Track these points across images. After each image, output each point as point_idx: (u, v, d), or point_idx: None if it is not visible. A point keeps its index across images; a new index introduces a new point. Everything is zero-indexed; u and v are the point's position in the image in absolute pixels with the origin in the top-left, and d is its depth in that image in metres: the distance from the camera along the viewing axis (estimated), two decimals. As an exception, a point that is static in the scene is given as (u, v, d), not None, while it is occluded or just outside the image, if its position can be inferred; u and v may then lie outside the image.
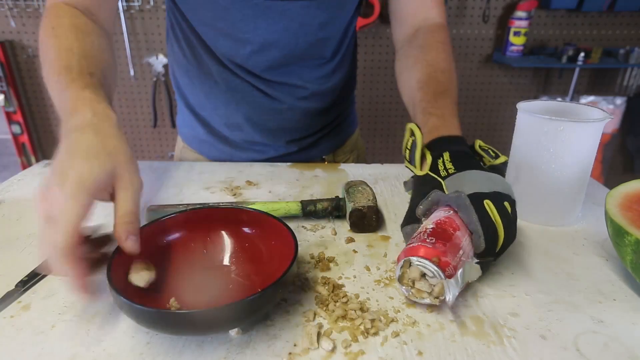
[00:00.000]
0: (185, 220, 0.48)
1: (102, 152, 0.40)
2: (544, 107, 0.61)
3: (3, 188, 0.69)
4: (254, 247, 0.48)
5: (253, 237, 0.48)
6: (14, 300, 0.44)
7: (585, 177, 0.57)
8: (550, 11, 2.22)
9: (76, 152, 0.39)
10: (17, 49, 2.25)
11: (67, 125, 0.43)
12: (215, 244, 0.49)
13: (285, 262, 0.40)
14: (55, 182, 0.38)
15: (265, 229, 0.48)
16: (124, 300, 0.35)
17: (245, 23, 0.68)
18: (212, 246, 0.49)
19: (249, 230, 0.49)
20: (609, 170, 2.54)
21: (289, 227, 0.45)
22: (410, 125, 0.55)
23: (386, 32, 2.22)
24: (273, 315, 0.42)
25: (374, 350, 0.38)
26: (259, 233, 0.48)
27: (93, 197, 0.38)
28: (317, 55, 0.76)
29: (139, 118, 2.40)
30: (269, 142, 0.82)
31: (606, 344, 0.39)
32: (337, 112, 0.87)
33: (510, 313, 0.42)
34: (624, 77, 2.35)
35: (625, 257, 0.45)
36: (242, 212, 0.49)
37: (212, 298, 0.44)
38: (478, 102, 2.41)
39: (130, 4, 2.13)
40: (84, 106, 0.45)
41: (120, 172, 0.40)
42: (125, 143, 0.43)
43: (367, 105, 2.39)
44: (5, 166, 2.51)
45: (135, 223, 0.39)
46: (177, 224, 0.48)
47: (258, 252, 0.47)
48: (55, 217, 0.36)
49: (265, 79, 0.75)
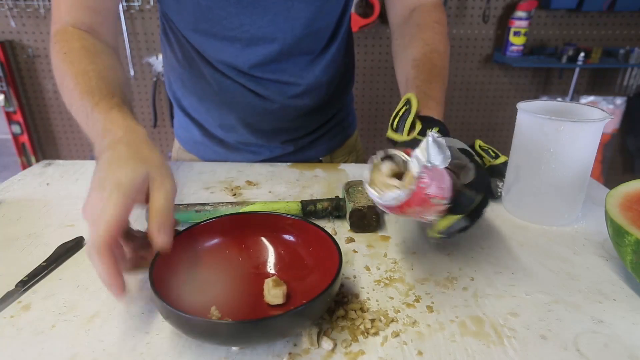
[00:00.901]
0: (222, 226, 0.48)
1: (136, 159, 0.42)
2: (544, 107, 0.61)
3: (3, 188, 0.69)
4: (294, 254, 0.47)
5: (292, 244, 0.48)
6: (14, 301, 0.44)
7: (585, 177, 0.57)
8: (550, 11, 2.22)
9: (112, 163, 0.42)
10: (17, 49, 2.25)
11: (100, 146, 0.46)
12: (253, 250, 0.48)
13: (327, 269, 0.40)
14: (95, 189, 0.40)
15: (305, 236, 0.47)
16: (172, 310, 0.34)
17: (230, 21, 0.68)
18: (250, 252, 0.48)
19: (287, 237, 0.48)
20: (609, 170, 2.54)
21: (328, 233, 0.45)
22: (409, 94, 0.54)
23: (386, 32, 2.22)
24: (273, 315, 0.42)
25: (374, 350, 0.38)
26: (299, 240, 0.48)
27: (130, 199, 0.40)
28: (306, 49, 0.75)
29: (139, 118, 2.39)
30: (263, 142, 0.82)
31: (606, 344, 0.39)
32: (334, 111, 0.86)
33: (510, 313, 0.42)
34: (624, 77, 2.35)
35: (625, 257, 0.45)
36: (280, 219, 0.48)
37: (252, 307, 0.43)
38: (478, 102, 2.41)
39: (130, 4, 2.13)
40: (114, 126, 0.47)
41: (153, 176, 0.42)
42: (156, 151, 0.46)
43: (366, 105, 2.39)
44: (5, 166, 2.51)
45: (167, 219, 0.40)
46: (213, 230, 0.47)
47: (298, 259, 0.47)
48: (95, 218, 0.38)
49: (256, 76, 0.75)
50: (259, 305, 0.42)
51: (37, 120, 2.42)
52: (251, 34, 0.69)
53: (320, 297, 0.36)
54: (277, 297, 0.41)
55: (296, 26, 0.70)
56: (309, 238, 0.47)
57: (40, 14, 2.16)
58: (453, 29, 2.24)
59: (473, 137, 0.69)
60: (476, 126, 2.47)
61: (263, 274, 0.46)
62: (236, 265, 0.47)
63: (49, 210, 0.62)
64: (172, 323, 0.36)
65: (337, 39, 0.79)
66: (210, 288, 0.44)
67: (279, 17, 0.68)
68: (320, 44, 0.76)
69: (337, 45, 0.79)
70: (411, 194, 0.38)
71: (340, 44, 0.80)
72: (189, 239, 0.45)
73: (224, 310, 0.40)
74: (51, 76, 2.30)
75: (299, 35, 0.71)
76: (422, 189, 0.38)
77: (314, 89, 0.79)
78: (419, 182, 0.38)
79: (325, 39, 0.77)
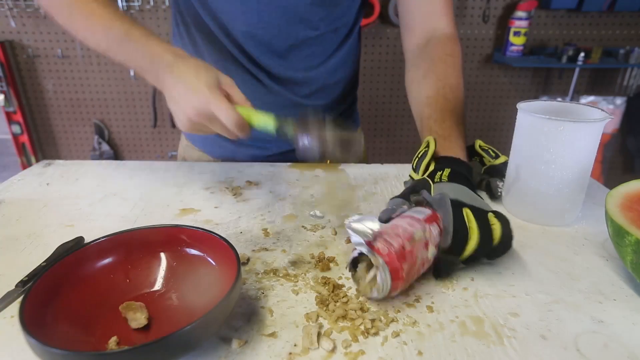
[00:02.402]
0: (113, 245, 0.44)
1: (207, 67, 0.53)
2: (544, 107, 0.61)
3: (3, 188, 0.69)
4: (195, 270, 0.44)
5: (194, 259, 0.45)
6: (14, 300, 0.44)
7: (585, 177, 0.57)
8: (550, 11, 2.23)
9: (196, 67, 0.52)
10: (17, 49, 2.25)
11: (160, 65, 0.54)
12: (142, 269, 0.45)
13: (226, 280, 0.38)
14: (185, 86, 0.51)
15: (207, 247, 0.45)
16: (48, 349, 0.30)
17: (248, 16, 0.70)
18: (138, 272, 0.44)
19: (189, 250, 0.45)
20: (609, 170, 2.54)
21: (229, 243, 0.42)
22: (428, 138, 0.59)
23: (386, 32, 2.22)
24: (273, 315, 0.42)
25: (374, 350, 0.38)
26: (202, 253, 0.45)
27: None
28: (319, 51, 0.77)
29: (139, 118, 2.40)
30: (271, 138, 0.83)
31: (606, 344, 0.39)
32: (340, 110, 0.88)
33: (510, 313, 0.42)
34: (624, 77, 2.35)
35: (625, 257, 0.45)
36: (180, 231, 0.45)
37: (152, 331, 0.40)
38: (478, 102, 2.41)
39: (130, 4, 2.13)
40: (161, 49, 0.54)
41: (220, 79, 0.54)
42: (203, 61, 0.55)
43: (367, 105, 2.39)
44: (5, 166, 2.51)
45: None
46: (104, 250, 0.44)
47: (198, 276, 0.44)
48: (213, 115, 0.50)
49: (270, 72, 0.76)
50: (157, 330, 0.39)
51: (37, 120, 2.42)
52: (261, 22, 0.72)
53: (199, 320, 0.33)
54: (139, 320, 0.39)
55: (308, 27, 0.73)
56: (212, 250, 0.44)
57: (40, 14, 2.16)
58: (453, 29, 2.24)
59: (473, 137, 0.69)
60: (476, 126, 2.47)
61: (149, 294, 0.43)
62: (124, 287, 0.43)
63: (49, 210, 0.62)
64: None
65: (350, 40, 0.81)
66: (100, 317, 0.40)
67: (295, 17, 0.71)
68: (334, 44, 0.78)
69: (350, 46, 0.81)
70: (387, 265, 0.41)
71: (352, 45, 0.82)
72: (74, 263, 0.42)
73: (122, 338, 0.38)
74: (51, 76, 2.31)
75: (310, 35, 0.74)
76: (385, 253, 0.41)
77: (326, 89, 0.81)
78: (379, 253, 0.41)
79: (339, 39, 0.79)
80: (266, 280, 0.47)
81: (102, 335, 0.38)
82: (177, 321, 0.39)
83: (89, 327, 0.39)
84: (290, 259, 0.51)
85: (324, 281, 0.46)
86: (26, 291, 0.36)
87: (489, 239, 0.46)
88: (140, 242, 0.45)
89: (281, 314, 0.42)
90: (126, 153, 2.51)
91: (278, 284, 0.47)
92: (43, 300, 0.37)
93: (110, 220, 0.60)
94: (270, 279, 0.47)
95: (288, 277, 0.48)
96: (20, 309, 0.34)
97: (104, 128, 2.42)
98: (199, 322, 0.33)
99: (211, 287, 0.41)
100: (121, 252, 0.44)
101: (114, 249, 0.44)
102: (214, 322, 0.35)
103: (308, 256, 0.51)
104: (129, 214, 0.61)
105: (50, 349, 0.30)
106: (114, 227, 0.52)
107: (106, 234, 0.44)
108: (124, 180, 0.72)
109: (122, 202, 0.65)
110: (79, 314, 0.39)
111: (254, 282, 0.47)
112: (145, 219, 0.60)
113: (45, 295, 0.38)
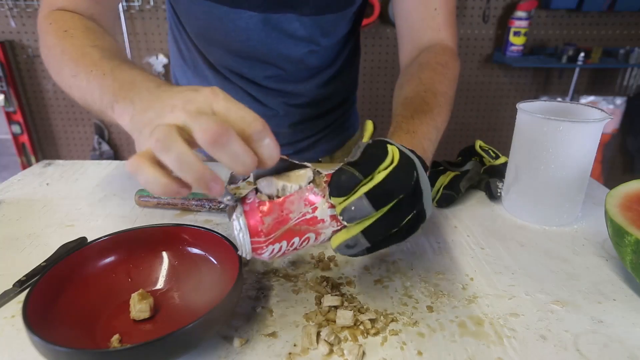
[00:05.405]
0: (115, 245, 0.44)
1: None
2: (544, 107, 0.61)
3: (3, 188, 0.69)
4: (196, 269, 0.44)
5: (195, 257, 0.45)
6: (10, 300, 0.44)
7: (585, 177, 0.57)
8: (550, 11, 2.23)
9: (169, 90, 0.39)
10: (17, 49, 2.25)
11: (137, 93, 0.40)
12: (143, 268, 0.45)
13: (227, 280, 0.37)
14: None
15: (209, 246, 0.45)
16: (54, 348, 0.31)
17: (238, 34, 0.67)
18: (140, 271, 0.45)
19: (190, 249, 0.45)
20: (609, 170, 2.54)
21: (230, 241, 0.42)
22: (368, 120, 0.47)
23: (386, 32, 2.22)
24: (273, 315, 0.42)
25: (374, 350, 0.38)
26: (203, 252, 0.45)
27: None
28: (312, 65, 0.75)
29: (139, 118, 2.40)
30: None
31: (606, 344, 0.39)
32: (335, 116, 0.86)
33: (510, 313, 0.42)
34: (624, 77, 2.35)
35: (625, 257, 0.45)
36: (181, 230, 0.46)
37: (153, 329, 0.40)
38: (478, 102, 2.41)
39: (130, 4, 2.13)
40: (144, 80, 0.42)
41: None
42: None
43: (367, 105, 2.39)
44: (5, 166, 2.51)
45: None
46: (106, 249, 0.44)
47: (200, 275, 0.44)
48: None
49: (261, 85, 0.75)
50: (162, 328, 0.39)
51: (37, 120, 2.42)
52: (257, 49, 0.69)
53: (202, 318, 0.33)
54: (143, 312, 0.39)
55: (301, 45, 0.70)
56: (214, 249, 0.44)
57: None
58: (453, 29, 2.24)
59: (473, 137, 0.69)
60: (476, 126, 2.47)
61: (151, 293, 0.43)
62: (128, 286, 0.43)
63: (49, 210, 0.62)
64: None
65: (345, 53, 0.79)
66: (102, 315, 0.40)
67: (284, 35, 0.68)
68: (327, 59, 0.76)
69: (345, 58, 0.79)
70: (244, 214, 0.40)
71: (348, 57, 0.80)
72: (77, 262, 0.42)
73: (124, 336, 0.38)
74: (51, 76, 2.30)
75: (303, 51, 0.71)
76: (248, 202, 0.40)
77: (319, 100, 0.79)
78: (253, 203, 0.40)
79: (333, 54, 0.77)
80: (266, 280, 0.47)
81: (105, 333, 0.38)
82: (179, 319, 0.39)
83: (91, 325, 0.39)
84: (290, 259, 0.51)
85: (323, 281, 0.46)
86: (29, 289, 0.36)
87: (406, 177, 0.37)
88: (142, 241, 0.45)
89: (281, 314, 0.42)
90: (126, 153, 2.51)
91: (278, 284, 0.47)
92: (46, 299, 0.37)
93: (110, 220, 0.60)
94: (270, 279, 0.47)
95: (288, 277, 0.48)
96: (23, 308, 0.34)
97: (104, 128, 2.42)
98: (200, 321, 0.33)
99: (213, 286, 0.41)
100: (123, 251, 0.45)
101: (116, 248, 0.44)
102: (216, 321, 0.35)
103: (308, 256, 0.51)
104: (129, 214, 0.61)
105: (53, 346, 0.31)
106: (114, 227, 0.52)
107: (107, 234, 0.44)
108: (124, 180, 0.72)
109: (122, 202, 0.65)
110: (82, 312, 0.39)
111: (254, 282, 0.47)
112: (145, 219, 0.60)
113: (47, 294, 0.38)
